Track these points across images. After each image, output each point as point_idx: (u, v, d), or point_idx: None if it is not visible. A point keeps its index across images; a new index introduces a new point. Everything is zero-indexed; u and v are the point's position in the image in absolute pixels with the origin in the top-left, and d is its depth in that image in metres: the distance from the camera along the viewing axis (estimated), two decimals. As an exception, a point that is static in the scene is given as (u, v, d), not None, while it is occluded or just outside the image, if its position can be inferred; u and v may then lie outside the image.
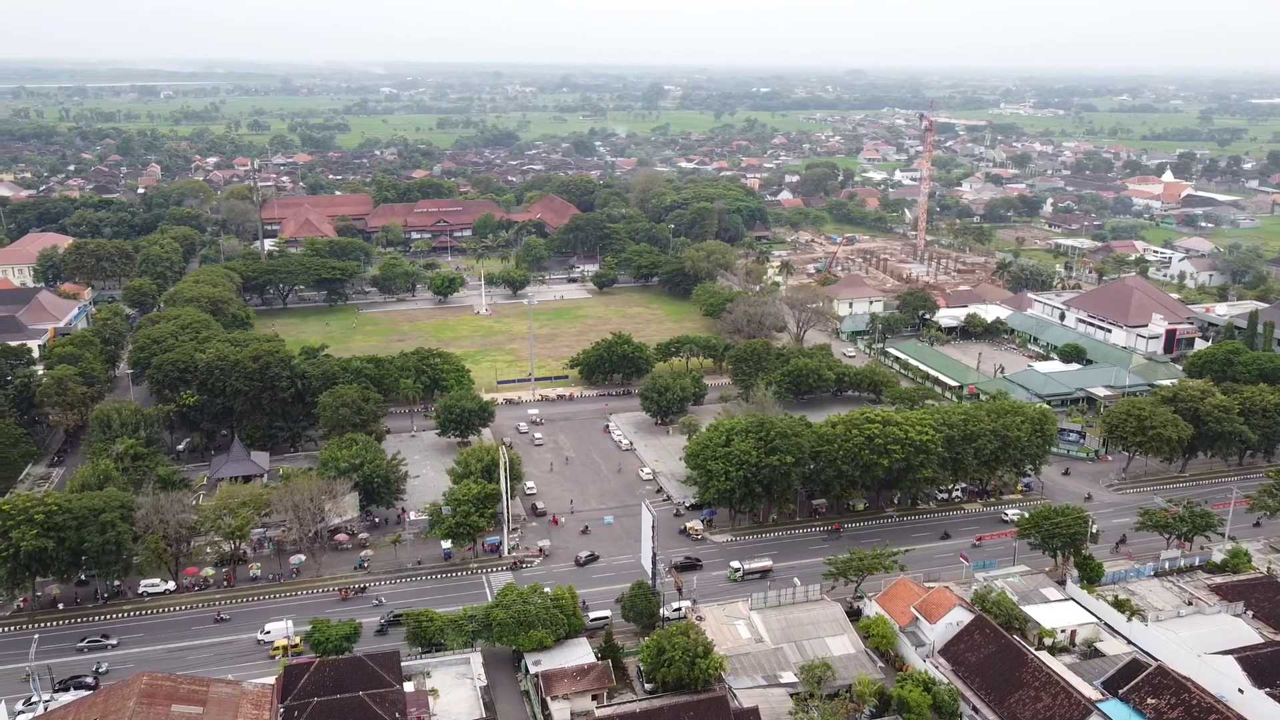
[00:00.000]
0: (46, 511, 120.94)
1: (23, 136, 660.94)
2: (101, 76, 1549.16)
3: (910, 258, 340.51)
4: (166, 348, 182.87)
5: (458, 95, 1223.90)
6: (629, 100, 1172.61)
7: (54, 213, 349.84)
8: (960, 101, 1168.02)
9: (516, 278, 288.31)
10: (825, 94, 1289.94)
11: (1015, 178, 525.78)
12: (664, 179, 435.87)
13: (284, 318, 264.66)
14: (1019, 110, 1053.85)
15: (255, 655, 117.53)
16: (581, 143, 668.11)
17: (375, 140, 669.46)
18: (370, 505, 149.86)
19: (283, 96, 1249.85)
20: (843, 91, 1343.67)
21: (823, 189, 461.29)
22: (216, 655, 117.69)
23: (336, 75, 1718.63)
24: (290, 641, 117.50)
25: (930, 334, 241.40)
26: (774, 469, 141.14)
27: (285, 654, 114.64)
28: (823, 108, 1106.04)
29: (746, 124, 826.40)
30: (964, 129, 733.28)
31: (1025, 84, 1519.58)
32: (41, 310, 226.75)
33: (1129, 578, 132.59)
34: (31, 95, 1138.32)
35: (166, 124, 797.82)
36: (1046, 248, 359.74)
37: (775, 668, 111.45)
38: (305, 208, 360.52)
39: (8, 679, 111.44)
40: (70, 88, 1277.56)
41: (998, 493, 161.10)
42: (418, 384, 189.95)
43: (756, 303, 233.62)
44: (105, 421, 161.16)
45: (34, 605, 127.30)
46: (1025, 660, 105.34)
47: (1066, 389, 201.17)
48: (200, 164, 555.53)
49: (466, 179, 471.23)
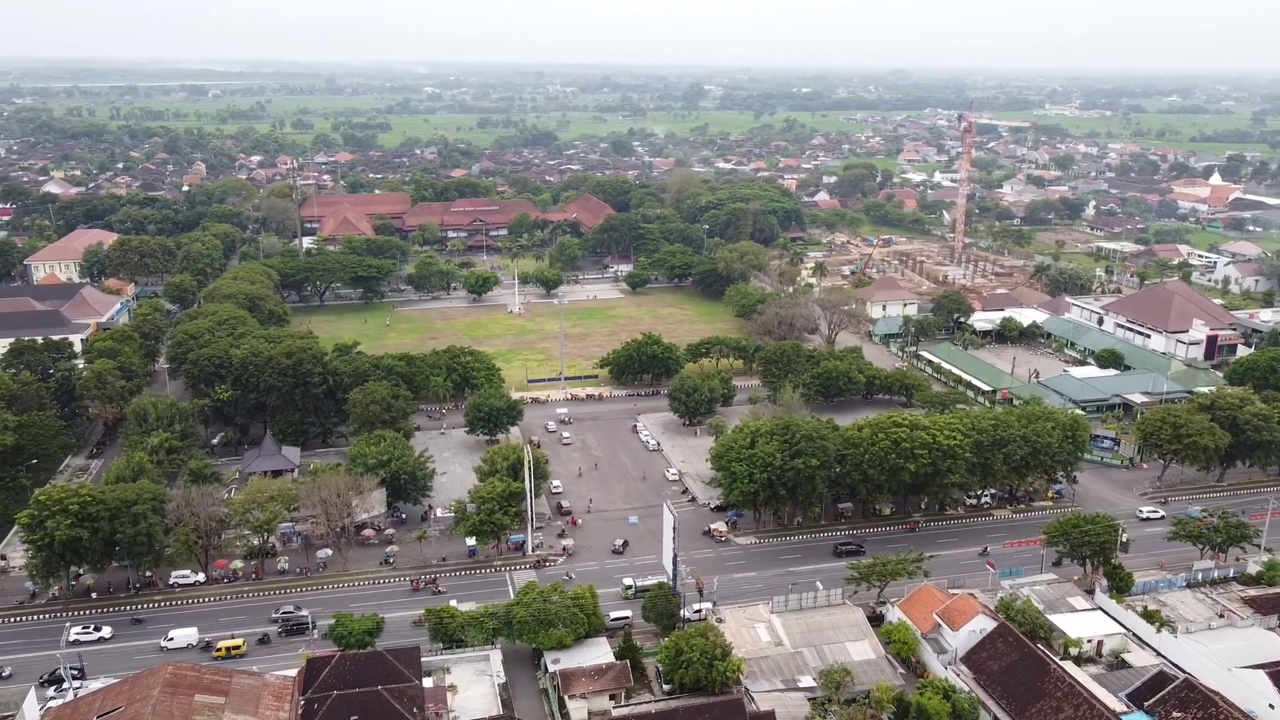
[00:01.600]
0: (81, 502, 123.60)
1: (74, 135, 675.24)
2: (152, 76, 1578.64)
3: (947, 260, 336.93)
4: (203, 343, 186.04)
5: (499, 95, 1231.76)
6: (669, 100, 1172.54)
7: (101, 210, 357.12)
8: (1004, 102, 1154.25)
9: (550, 277, 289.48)
10: (867, 94, 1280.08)
11: (1057, 180, 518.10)
12: (700, 179, 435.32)
13: (320, 315, 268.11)
14: (1064, 111, 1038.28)
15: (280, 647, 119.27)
16: (620, 143, 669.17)
17: (416, 140, 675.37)
18: (397, 501, 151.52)
19: (327, 96, 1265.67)
20: (884, 92, 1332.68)
21: (860, 190, 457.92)
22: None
23: (380, 75, 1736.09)
24: (232, 641, 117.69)
25: (964, 337, 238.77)
26: (798, 472, 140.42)
27: (227, 655, 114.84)
28: (864, 108, 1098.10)
29: (786, 124, 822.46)
30: (1007, 130, 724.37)
31: (1072, 84, 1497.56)
32: (85, 305, 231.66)
33: (1160, 588, 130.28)
34: (84, 94, 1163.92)
35: (213, 123, 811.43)
36: (1087, 251, 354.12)
37: (794, 672, 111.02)
38: (344, 206, 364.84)
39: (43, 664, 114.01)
40: (122, 87, 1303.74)
41: (1028, 499, 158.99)
42: (448, 382, 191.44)
43: (788, 304, 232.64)
44: (142, 415, 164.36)
45: (68, 594, 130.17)
46: (1048, 670, 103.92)
47: (1102, 395, 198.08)
48: (244, 162, 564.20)
49: (504, 178, 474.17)
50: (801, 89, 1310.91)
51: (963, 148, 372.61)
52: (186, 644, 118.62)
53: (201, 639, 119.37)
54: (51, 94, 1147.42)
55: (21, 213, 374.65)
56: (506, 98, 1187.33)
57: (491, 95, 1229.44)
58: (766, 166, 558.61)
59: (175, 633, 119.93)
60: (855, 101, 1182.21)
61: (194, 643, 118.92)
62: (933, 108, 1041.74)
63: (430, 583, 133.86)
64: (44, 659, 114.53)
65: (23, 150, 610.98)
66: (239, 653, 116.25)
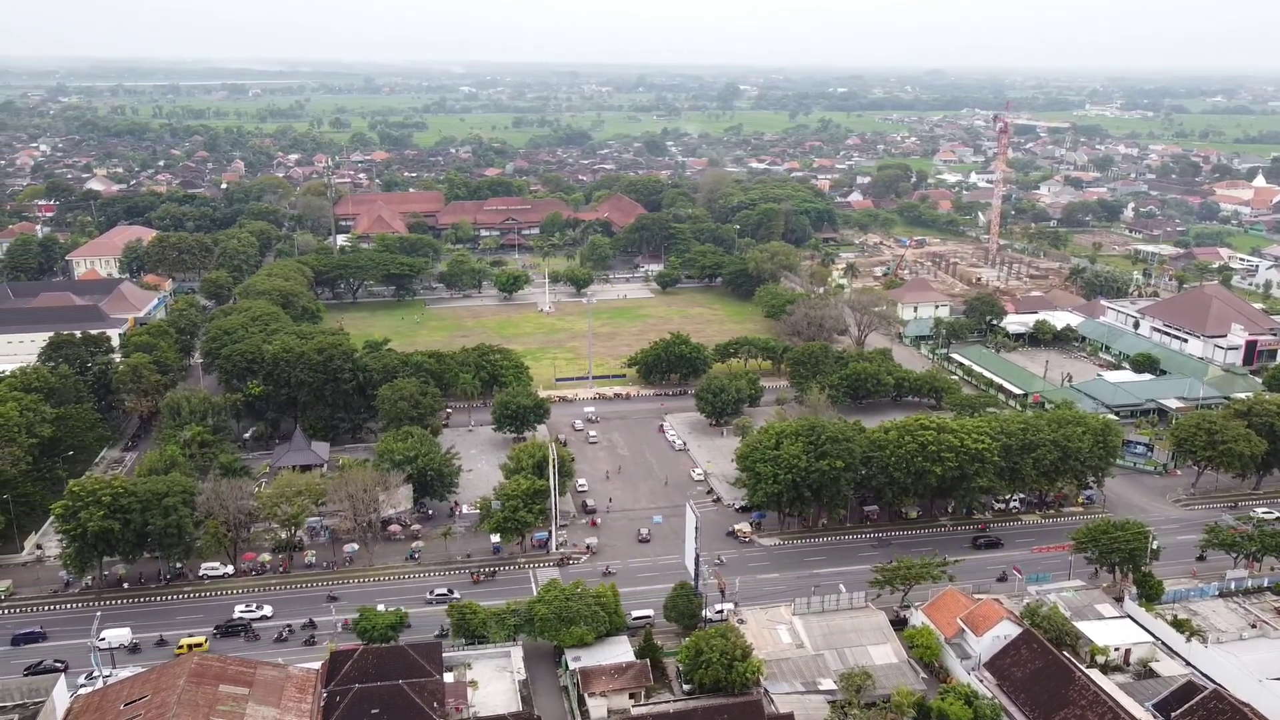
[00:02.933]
0: (113, 494, 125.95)
1: (117, 133, 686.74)
2: (194, 75, 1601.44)
3: (981, 262, 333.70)
4: (236, 339, 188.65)
5: (535, 95, 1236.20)
6: (704, 100, 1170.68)
7: (141, 206, 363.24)
8: (1043, 102, 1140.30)
9: (580, 276, 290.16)
10: (903, 94, 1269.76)
11: (1096, 181, 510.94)
12: (732, 179, 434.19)
13: (353, 312, 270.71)
14: (1105, 112, 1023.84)
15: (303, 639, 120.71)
16: (653, 142, 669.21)
17: (451, 139, 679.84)
18: (424, 498, 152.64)
19: (365, 95, 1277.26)
20: (921, 92, 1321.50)
21: (894, 191, 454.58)
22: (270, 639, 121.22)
23: (417, 75, 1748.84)
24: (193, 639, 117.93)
25: (997, 340, 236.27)
26: (823, 474, 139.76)
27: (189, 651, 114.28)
28: (900, 108, 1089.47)
29: (820, 124, 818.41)
30: (1045, 131, 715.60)
31: (1113, 84, 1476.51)
32: (123, 300, 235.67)
33: (1191, 597, 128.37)
34: (128, 93, 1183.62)
35: (253, 121, 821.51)
36: (1125, 254, 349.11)
37: (815, 674, 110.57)
38: (378, 204, 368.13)
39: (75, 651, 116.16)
40: (164, 86, 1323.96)
41: (1058, 505, 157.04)
42: (476, 380, 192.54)
43: (817, 305, 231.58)
44: (175, 409, 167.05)
45: (101, 584, 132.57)
46: (1073, 678, 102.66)
47: (1137, 400, 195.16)
48: (282, 160, 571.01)
49: (537, 178, 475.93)
50: (837, 89, 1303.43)
51: (998, 148, 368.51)
52: (119, 644, 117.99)
53: (133, 640, 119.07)
54: (96, 93, 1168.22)
55: (65, 209, 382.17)
56: (542, 97, 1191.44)
57: (527, 95, 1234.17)
58: (800, 167, 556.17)
59: (108, 632, 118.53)
60: (891, 102, 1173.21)
61: (126, 643, 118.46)
62: (970, 108, 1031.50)
63: (490, 575, 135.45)
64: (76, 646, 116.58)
65: (68, 148, 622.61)
66: (201, 649, 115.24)
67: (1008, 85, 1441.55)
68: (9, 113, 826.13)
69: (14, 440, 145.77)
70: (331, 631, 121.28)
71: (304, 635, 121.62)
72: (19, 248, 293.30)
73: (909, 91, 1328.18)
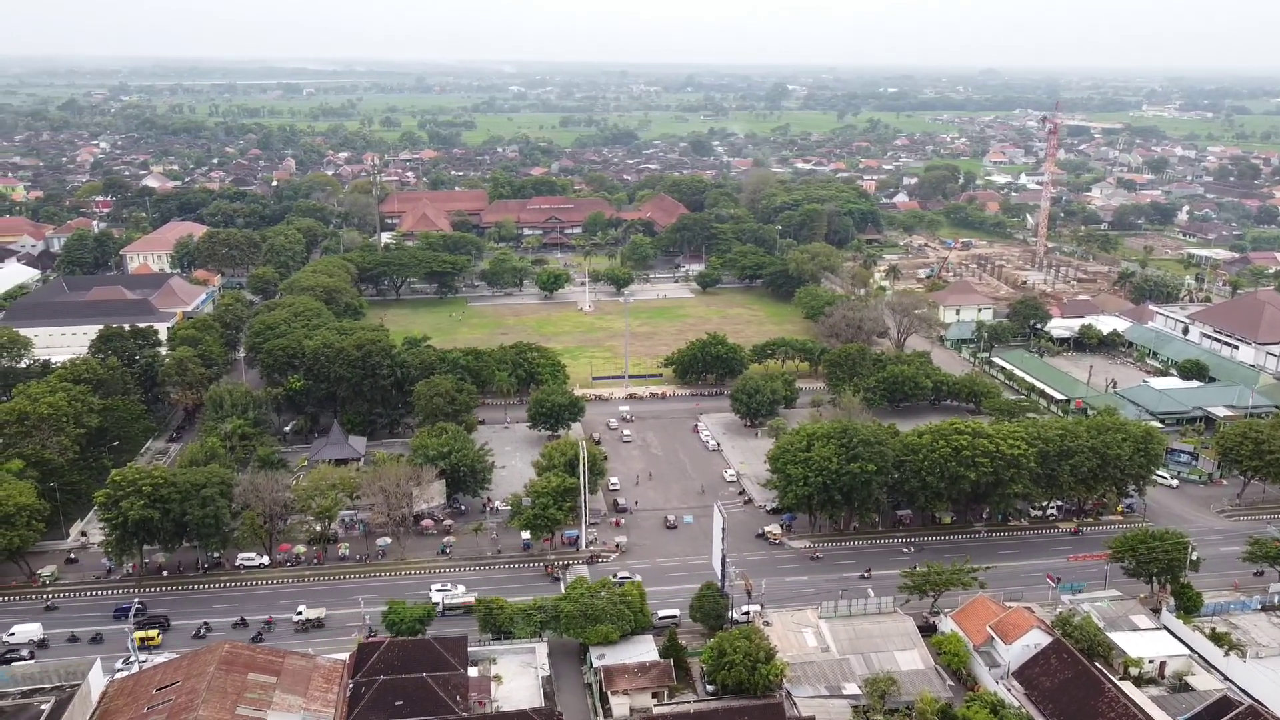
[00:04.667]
0: (153, 484, 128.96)
1: (174, 131, 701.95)
2: (251, 75, 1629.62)
3: (1029, 265, 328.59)
4: (279, 334, 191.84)
5: (583, 94, 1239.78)
6: (752, 100, 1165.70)
7: (193, 203, 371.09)
8: (1099, 103, 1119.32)
9: (620, 276, 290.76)
10: (955, 94, 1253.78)
11: (1150, 183, 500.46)
12: (776, 180, 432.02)
13: (396, 308, 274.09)
14: (1162, 113, 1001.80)
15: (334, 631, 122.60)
16: (699, 142, 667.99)
17: (499, 138, 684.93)
18: (457, 493, 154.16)
19: (416, 95, 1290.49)
20: (973, 92, 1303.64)
21: (941, 192, 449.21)
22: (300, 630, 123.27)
23: (469, 74, 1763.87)
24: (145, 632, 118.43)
25: (1040, 344, 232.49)
26: (854, 477, 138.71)
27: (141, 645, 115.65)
28: (951, 109, 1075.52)
29: (869, 125, 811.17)
30: (1099, 132, 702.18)
31: (1172, 85, 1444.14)
32: (172, 295, 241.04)
33: (1232, 610, 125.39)
34: (187, 92, 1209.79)
35: (305, 120, 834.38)
36: (1177, 258, 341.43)
37: (839, 678, 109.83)
38: (423, 202, 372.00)
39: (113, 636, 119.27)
40: (222, 85, 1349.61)
41: (1096, 513, 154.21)
42: (513, 377, 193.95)
43: (856, 306, 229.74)
44: (218, 402, 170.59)
45: (142, 571, 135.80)
46: (1102, 689, 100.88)
47: (1183, 407, 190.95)
48: (332, 159, 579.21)
49: (582, 177, 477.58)
50: (888, 89, 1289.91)
51: (1047, 150, 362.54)
52: (28, 639, 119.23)
53: (43, 636, 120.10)
54: (156, 92, 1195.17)
55: (121, 205, 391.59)
56: (590, 97, 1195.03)
57: (576, 95, 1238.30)
58: (846, 167, 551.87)
59: (18, 628, 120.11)
60: (942, 102, 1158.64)
61: (35, 639, 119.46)
62: (1023, 108, 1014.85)
63: (564, 568, 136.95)
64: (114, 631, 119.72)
65: (126, 145, 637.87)
66: (154, 644, 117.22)
67: (1062, 85, 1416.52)
68: (72, 110, 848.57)
69: (62, 430, 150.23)
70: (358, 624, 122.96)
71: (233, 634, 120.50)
72: (75, 242, 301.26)
73: (960, 91, 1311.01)
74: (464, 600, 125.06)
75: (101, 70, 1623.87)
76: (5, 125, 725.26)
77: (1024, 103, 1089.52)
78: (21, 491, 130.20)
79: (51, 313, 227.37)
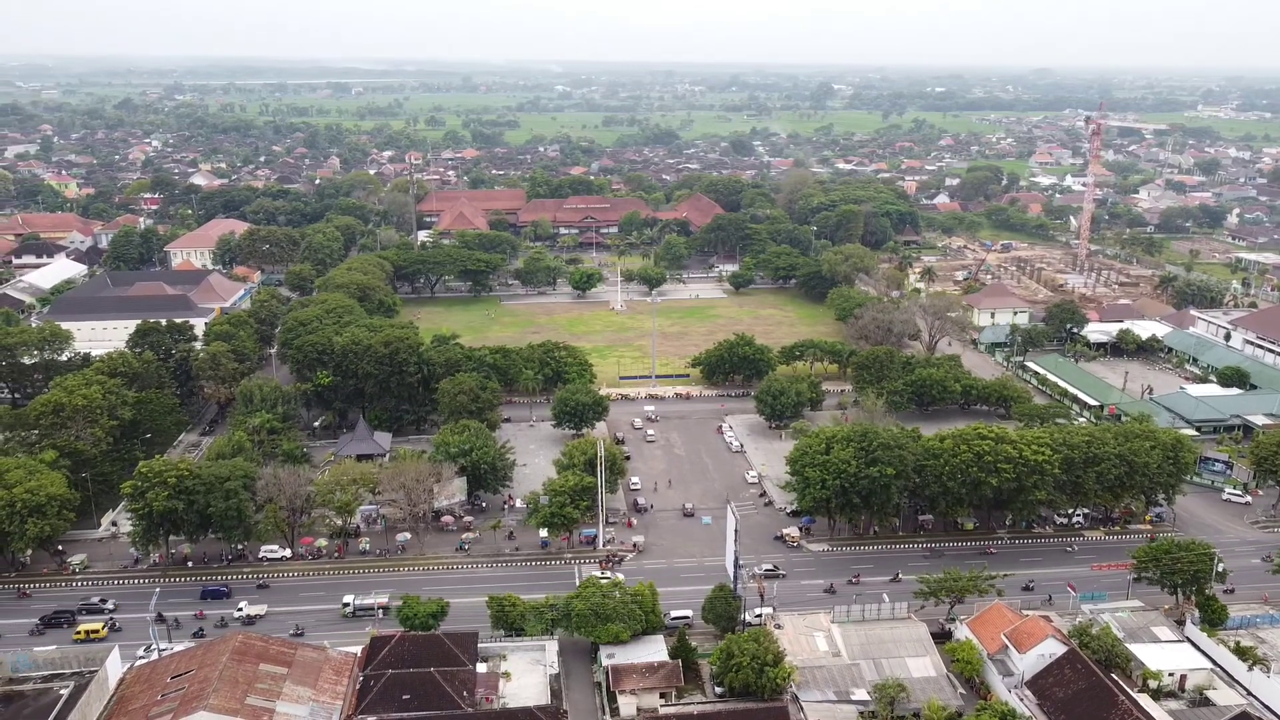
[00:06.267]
0: (178, 476, 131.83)
1: (224, 129, 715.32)
2: (302, 74, 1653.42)
3: (1069, 267, 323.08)
4: (310, 330, 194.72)
5: (627, 94, 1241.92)
6: (796, 100, 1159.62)
7: (237, 201, 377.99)
8: (1152, 103, 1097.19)
9: (653, 275, 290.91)
10: (1004, 94, 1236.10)
11: (1200, 185, 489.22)
12: (814, 180, 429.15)
13: (430, 306, 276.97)
14: (1218, 113, 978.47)
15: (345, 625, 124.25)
16: (740, 142, 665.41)
17: (541, 137, 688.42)
18: (478, 490, 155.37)
19: (462, 94, 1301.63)
20: (1023, 91, 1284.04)
21: (983, 193, 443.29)
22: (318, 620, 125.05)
23: (515, 74, 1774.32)
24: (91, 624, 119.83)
25: (1076, 349, 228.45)
26: (873, 480, 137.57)
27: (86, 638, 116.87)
28: (999, 109, 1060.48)
29: (914, 125, 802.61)
30: (1151, 133, 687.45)
31: (1231, 84, 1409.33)
32: (211, 291, 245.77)
33: (1259, 624, 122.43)
34: (239, 91, 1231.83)
35: (352, 119, 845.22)
36: (1225, 262, 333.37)
37: (848, 684, 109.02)
38: (461, 201, 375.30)
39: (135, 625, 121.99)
40: (274, 84, 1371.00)
41: (1123, 521, 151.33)
42: (538, 376, 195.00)
43: (886, 308, 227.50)
44: (248, 397, 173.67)
45: (167, 561, 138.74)
46: (1115, 701, 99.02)
47: (1220, 415, 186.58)
48: (375, 157, 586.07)
49: (621, 176, 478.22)
50: (935, 89, 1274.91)
51: (1090, 151, 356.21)
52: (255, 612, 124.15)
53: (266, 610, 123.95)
54: (210, 91, 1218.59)
55: (168, 203, 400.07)
56: (635, 96, 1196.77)
57: (620, 94, 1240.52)
58: (888, 168, 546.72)
59: (245, 604, 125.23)
60: (991, 102, 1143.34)
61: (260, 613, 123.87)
62: (1073, 109, 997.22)
63: (619, 561, 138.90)
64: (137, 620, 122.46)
65: (177, 144, 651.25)
66: (98, 636, 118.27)
67: (1116, 85, 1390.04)
68: (127, 109, 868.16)
69: (96, 422, 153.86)
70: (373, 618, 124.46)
71: None
72: (121, 239, 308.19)
73: (1010, 91, 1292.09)
74: (376, 602, 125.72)
75: (159, 70, 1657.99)
76: (64, 124, 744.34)
77: (1075, 103, 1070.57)
78: (53, 482, 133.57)
79: (93, 307, 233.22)
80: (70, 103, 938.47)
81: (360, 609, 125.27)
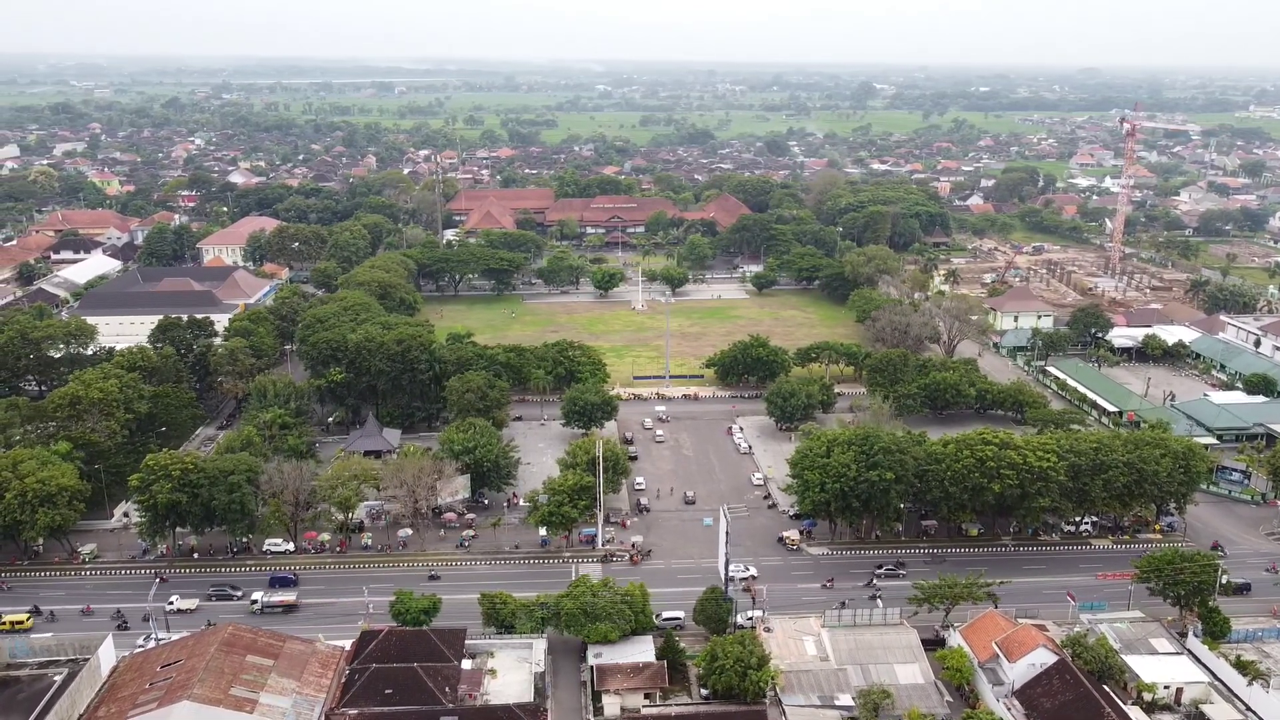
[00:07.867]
0: (183, 469, 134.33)
1: (266, 128, 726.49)
2: (347, 73, 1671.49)
3: (1101, 271, 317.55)
4: (327, 327, 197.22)
5: (667, 93, 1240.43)
6: (836, 99, 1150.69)
7: (271, 198, 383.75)
8: (1203, 103, 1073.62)
9: (674, 275, 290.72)
10: (1049, 94, 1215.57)
11: (1245, 188, 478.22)
12: (844, 181, 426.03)
13: (452, 304, 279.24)
14: (1271, 113, 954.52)
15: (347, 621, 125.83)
16: (775, 142, 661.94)
17: (577, 136, 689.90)
18: (482, 488, 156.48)
19: (503, 93, 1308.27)
20: (1069, 91, 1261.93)
21: (1017, 195, 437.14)
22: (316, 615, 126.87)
23: (556, 73, 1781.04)
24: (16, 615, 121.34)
25: (1099, 354, 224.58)
26: (873, 484, 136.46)
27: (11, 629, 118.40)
28: (1043, 109, 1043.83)
29: (954, 125, 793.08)
30: (1198, 133, 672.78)
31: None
32: (236, 287, 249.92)
33: (1263, 637, 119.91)
34: (284, 90, 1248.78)
35: (392, 118, 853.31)
36: (1264, 266, 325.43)
37: (834, 689, 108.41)
38: (490, 200, 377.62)
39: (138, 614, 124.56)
40: (319, 84, 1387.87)
41: (1132, 530, 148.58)
42: (550, 375, 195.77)
43: (903, 311, 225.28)
44: (262, 392, 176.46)
45: (174, 553, 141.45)
46: (1102, 713, 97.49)
47: (1243, 423, 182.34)
48: (411, 156, 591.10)
49: (652, 176, 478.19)
50: (979, 88, 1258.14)
51: (1126, 151, 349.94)
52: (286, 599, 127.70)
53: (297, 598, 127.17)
54: (256, 90, 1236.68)
55: (205, 200, 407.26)
56: (674, 95, 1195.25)
57: (660, 94, 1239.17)
58: (923, 169, 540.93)
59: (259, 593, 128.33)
60: (1035, 102, 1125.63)
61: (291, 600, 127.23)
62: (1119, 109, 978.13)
63: (646, 555, 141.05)
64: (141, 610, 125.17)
65: (220, 142, 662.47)
66: (23, 627, 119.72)
67: (1166, 85, 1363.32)
68: (174, 108, 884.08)
69: (112, 415, 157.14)
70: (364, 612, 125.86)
71: None
72: (155, 235, 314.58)
73: (1055, 91, 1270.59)
74: (282, 599, 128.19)
75: (207, 69, 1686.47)
76: (112, 122, 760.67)
77: (1121, 103, 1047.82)
78: (64, 473, 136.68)
79: (121, 302, 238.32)
80: (120, 101, 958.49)
81: (267, 606, 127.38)
